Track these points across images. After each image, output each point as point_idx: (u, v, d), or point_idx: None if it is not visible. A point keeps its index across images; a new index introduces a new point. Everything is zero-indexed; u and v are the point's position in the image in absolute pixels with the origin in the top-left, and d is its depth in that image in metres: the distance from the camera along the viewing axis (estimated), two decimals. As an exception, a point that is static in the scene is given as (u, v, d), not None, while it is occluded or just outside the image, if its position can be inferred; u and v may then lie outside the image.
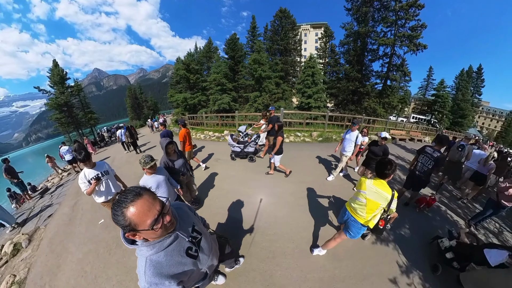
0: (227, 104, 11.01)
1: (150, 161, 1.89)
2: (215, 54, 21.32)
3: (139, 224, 0.66)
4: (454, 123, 22.60)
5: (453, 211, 3.30)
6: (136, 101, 30.69)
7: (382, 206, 1.63)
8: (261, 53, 11.05)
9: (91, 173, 2.19)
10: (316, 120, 8.42)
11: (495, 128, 42.90)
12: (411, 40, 12.15)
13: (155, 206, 0.69)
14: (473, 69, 26.24)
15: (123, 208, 0.65)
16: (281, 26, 20.24)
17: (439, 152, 2.60)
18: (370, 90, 13.82)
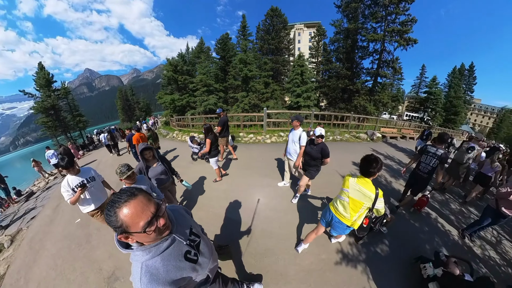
0: (213, 105, 11.30)
1: (127, 170, 1.79)
2: (206, 54, 21.58)
3: (132, 226, 0.64)
4: (447, 120, 23.29)
5: (446, 218, 3.02)
6: (127, 103, 30.71)
7: (366, 205, 1.58)
8: (247, 53, 11.30)
9: (75, 180, 2.05)
10: (306, 120, 8.39)
11: (487, 125, 44.81)
12: (401, 35, 12.17)
13: (149, 208, 0.68)
14: (465, 67, 27.10)
15: (116, 208, 0.64)
16: (272, 25, 20.60)
17: (442, 149, 2.54)
18: (360, 88, 13.90)
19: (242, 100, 10.90)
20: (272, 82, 16.74)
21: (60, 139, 18.24)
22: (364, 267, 2.04)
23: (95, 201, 2.22)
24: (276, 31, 20.32)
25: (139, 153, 2.20)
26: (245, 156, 5.33)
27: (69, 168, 2.04)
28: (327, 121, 8.63)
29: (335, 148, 6.10)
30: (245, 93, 11.27)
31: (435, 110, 21.55)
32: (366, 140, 8.01)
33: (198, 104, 11.61)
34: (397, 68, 13.32)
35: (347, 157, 5.44)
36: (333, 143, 7.13)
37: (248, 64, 10.96)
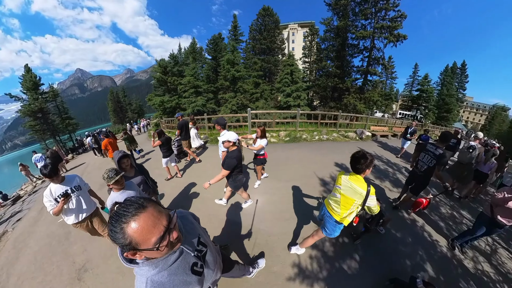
0: (201, 106, 11.57)
1: (115, 175, 1.72)
2: (199, 54, 21.82)
3: (142, 243, 0.58)
4: (440, 117, 23.99)
5: (433, 224, 2.75)
6: (118, 105, 30.68)
7: (357, 202, 1.60)
8: (235, 53, 11.55)
9: (59, 189, 1.95)
10: (295, 119, 8.37)
11: (479, 122, 46.95)
12: (390, 31, 12.23)
13: (161, 221, 0.61)
14: (457, 65, 27.98)
15: (123, 224, 0.57)
16: (264, 25, 20.96)
17: (442, 149, 2.47)
18: (350, 86, 13.97)
19: (230, 101, 11.17)
20: (263, 82, 17.09)
21: (48, 142, 18.23)
22: (323, 286, 1.83)
23: (80, 212, 2.11)
24: (268, 31, 20.69)
25: (117, 162, 2.09)
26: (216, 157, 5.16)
27: (52, 177, 1.92)
28: (314, 120, 8.65)
29: (319, 148, 6.16)
30: (233, 93, 11.53)
31: (427, 108, 22.20)
32: (355, 139, 7.97)
33: (187, 106, 11.86)
34: (387, 65, 13.57)
35: (330, 157, 5.32)
36: (318, 143, 7.09)
37: (235, 64, 11.19)
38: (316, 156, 5.44)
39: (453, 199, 3.67)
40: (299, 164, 4.89)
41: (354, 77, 14.13)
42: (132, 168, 2.25)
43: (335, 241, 2.39)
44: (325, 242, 2.38)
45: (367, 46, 13.57)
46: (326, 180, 4.07)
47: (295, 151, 5.92)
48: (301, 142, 7.04)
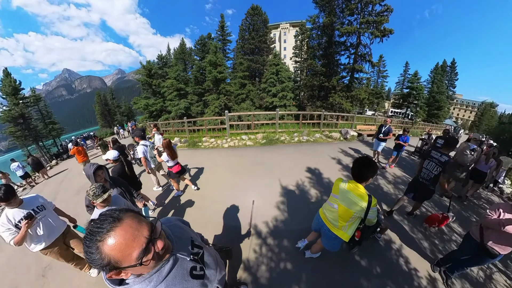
0: (183, 109, 11.71)
1: (102, 193, 1.57)
2: (189, 55, 21.90)
3: (123, 259, 0.53)
4: (430, 115, 24.78)
5: (415, 243, 2.45)
6: (106, 108, 30.41)
7: (357, 215, 1.43)
8: (217, 54, 11.60)
9: (18, 213, 1.70)
10: (283, 120, 8.50)
11: (469, 118, 49.53)
12: (377, 26, 12.02)
13: (142, 232, 0.57)
14: (447, 63, 29.00)
15: (98, 242, 0.52)
16: (252, 24, 21.23)
17: (447, 156, 2.33)
18: (336, 84, 13.83)
19: (213, 103, 11.36)
20: (250, 82, 17.31)
21: (31, 148, 18.00)
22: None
23: (49, 236, 1.88)
24: (256, 30, 20.97)
25: (92, 174, 1.93)
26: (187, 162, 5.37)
27: (9, 200, 1.67)
28: (295, 121, 8.44)
29: (295, 152, 5.87)
30: (216, 95, 11.68)
31: (417, 105, 22.85)
32: (339, 140, 7.65)
33: (170, 109, 11.99)
34: (373, 61, 13.00)
35: (304, 161, 4.97)
36: (296, 145, 6.78)
37: (218, 65, 11.34)
38: (287, 160, 5.12)
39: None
40: (265, 170, 4.58)
41: (340, 75, 14.02)
42: (106, 182, 2.09)
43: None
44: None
45: (353, 43, 13.44)
46: (290, 189, 3.72)
47: (267, 155, 5.64)
48: (278, 144, 6.81)
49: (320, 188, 3.77)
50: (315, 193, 3.59)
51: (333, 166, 4.83)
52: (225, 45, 18.81)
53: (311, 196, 3.50)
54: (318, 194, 3.55)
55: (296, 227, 2.70)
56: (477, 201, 3.86)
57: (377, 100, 25.46)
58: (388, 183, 4.07)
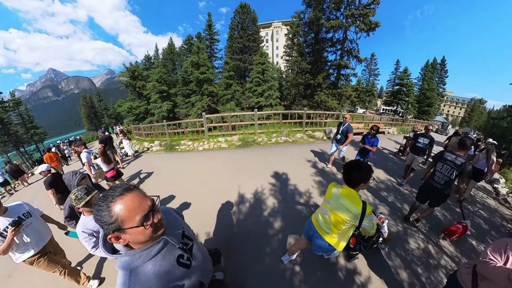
0: (166, 112, 11.82)
1: (85, 195, 1.55)
2: (178, 56, 21.91)
3: (127, 220, 0.63)
4: (421, 111, 25.57)
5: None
6: (92, 110, 30.07)
7: (350, 222, 1.37)
8: (200, 55, 11.67)
9: (2, 222, 1.70)
10: (270, 120, 8.45)
11: (459, 115, 52.32)
12: (363, 20, 11.71)
13: (146, 202, 0.68)
14: (437, 61, 29.99)
15: (110, 202, 0.63)
16: (241, 23, 21.42)
17: (463, 158, 2.24)
18: (322, 82, 13.47)
19: (196, 105, 11.50)
20: (237, 82, 17.48)
21: (11, 155, 17.71)
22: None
23: (37, 243, 1.85)
24: (245, 29, 21.16)
25: (76, 185, 1.94)
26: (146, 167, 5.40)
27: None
28: (275, 121, 8.27)
29: (268, 154, 5.61)
30: (199, 96, 11.81)
31: (407, 102, 23.55)
32: (322, 139, 7.43)
33: (153, 111, 12.08)
34: (360, 56, 12.74)
35: (275, 165, 4.66)
36: (272, 146, 6.55)
37: (201, 66, 11.45)
38: (254, 164, 4.90)
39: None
40: (226, 175, 4.44)
41: (326, 72, 13.65)
42: None
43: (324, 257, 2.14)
44: (311, 254, 2.11)
45: (339, 39, 13.19)
46: (246, 197, 3.49)
47: (236, 158, 5.47)
48: (254, 146, 6.53)
49: (280, 195, 3.47)
50: (273, 202, 3.30)
51: (304, 170, 4.47)
52: (213, 44, 18.92)
53: (267, 206, 3.22)
54: (276, 204, 3.25)
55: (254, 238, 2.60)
56: (472, 206, 3.60)
57: (368, 98, 26.25)
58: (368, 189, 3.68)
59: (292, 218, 2.91)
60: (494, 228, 3.07)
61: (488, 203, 3.88)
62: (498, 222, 3.26)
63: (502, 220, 3.34)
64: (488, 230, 3.00)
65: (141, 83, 12.73)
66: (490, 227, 3.08)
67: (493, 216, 3.43)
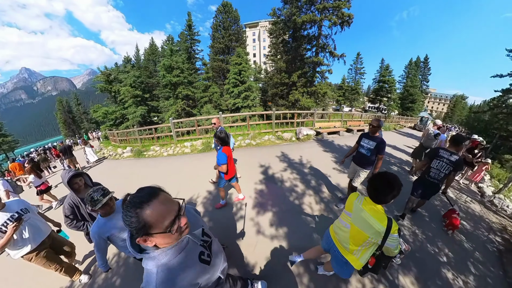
0: (140, 117, 12.13)
1: (102, 197, 1.48)
2: (163, 57, 21.97)
3: (155, 226, 0.67)
4: (405, 108, 27.06)
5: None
6: (70, 115, 29.51)
7: (372, 240, 1.27)
8: (173, 57, 11.85)
9: (1, 217, 1.76)
10: (236, 123, 8.49)
11: (442, 110, 56.69)
12: (336, 13, 11.67)
13: (173, 207, 0.72)
14: (420, 59, 31.83)
15: (138, 209, 0.66)
16: (223, 22, 21.91)
17: (457, 154, 2.46)
18: (297, 80, 13.53)
19: (170, 109, 11.87)
20: (215, 84, 17.80)
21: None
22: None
23: (35, 238, 1.90)
24: (227, 29, 21.68)
25: (67, 183, 1.83)
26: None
27: None
28: (242, 123, 8.26)
29: (212, 160, 5.29)
30: (173, 100, 12.11)
31: (390, 99, 24.86)
32: (290, 141, 7.51)
33: (129, 117, 12.36)
34: (334, 52, 12.86)
35: (209, 171, 4.54)
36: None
37: (174, 69, 11.65)
38: (192, 171, 5.09)
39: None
40: (170, 180, 4.66)
41: (302, 70, 13.63)
42: (87, 188, 2.00)
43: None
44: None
45: (314, 35, 13.22)
46: None
47: (186, 164, 5.71)
48: (213, 151, 6.61)
49: (209, 204, 3.47)
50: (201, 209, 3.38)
51: (244, 179, 4.33)
52: (193, 45, 19.29)
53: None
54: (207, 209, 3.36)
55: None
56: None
57: (353, 96, 27.46)
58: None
59: (220, 222, 2.99)
60: (478, 246, 2.62)
61: (473, 209, 3.60)
62: (484, 236, 2.87)
63: (489, 233, 2.96)
64: (470, 252, 2.51)
65: (117, 87, 12.91)
66: (474, 245, 2.64)
67: (477, 228, 3.04)
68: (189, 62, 17.78)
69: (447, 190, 2.73)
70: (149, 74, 21.88)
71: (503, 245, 2.73)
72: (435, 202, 3.55)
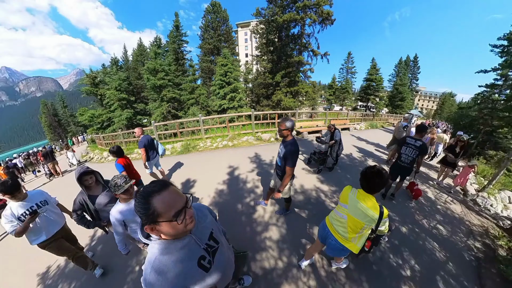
0: (125, 120, 12.54)
1: (124, 183, 1.72)
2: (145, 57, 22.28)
3: (163, 213, 0.74)
4: (395, 106, 28.17)
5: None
6: (55, 118, 29.34)
7: (368, 226, 1.51)
8: (158, 60, 12.21)
9: (21, 207, 1.92)
10: (215, 125, 8.57)
11: (432, 108, 60.04)
12: (316, 10, 11.95)
13: (181, 198, 0.80)
14: (410, 58, 33.19)
15: (149, 197, 0.74)
16: (211, 22, 22.38)
17: (421, 141, 3.01)
18: (280, 80, 13.94)
19: (155, 112, 12.33)
20: (201, 85, 18.21)
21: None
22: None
23: (50, 228, 2.10)
24: (215, 29, 22.17)
25: (77, 180, 2.00)
26: None
27: (13, 193, 1.89)
28: (220, 125, 8.51)
29: (183, 161, 5.90)
30: (158, 103, 12.51)
31: (377, 97, 25.85)
32: (269, 141, 7.77)
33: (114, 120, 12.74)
34: (315, 50, 13.15)
35: (180, 173, 5.01)
36: (205, 152, 6.86)
37: (159, 71, 12.02)
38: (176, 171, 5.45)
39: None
40: None
41: (285, 70, 14.01)
42: (98, 185, 2.19)
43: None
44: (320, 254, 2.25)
45: (296, 34, 13.63)
46: None
47: (167, 165, 5.82)
48: (192, 152, 7.02)
49: None
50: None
51: (212, 176, 4.64)
52: (181, 46, 19.72)
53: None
54: None
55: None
56: (428, 220, 3.09)
57: (343, 96, 28.37)
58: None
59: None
60: (453, 256, 2.31)
61: (452, 210, 3.43)
62: (462, 243, 2.58)
63: (468, 238, 2.69)
64: (442, 264, 2.20)
65: (103, 90, 13.23)
66: (448, 254, 2.35)
67: (455, 233, 2.78)
68: (177, 64, 18.23)
69: (418, 170, 3.36)
70: (138, 75, 22.17)
71: (483, 252, 2.43)
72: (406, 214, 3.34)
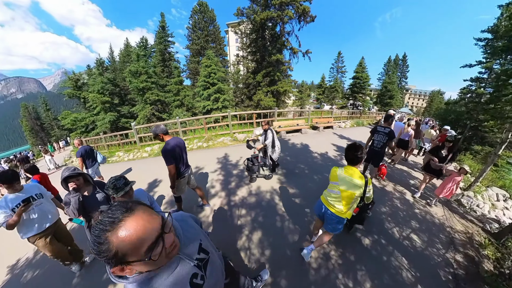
0: (108, 123, 12.88)
1: (124, 185, 1.60)
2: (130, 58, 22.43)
3: (130, 253, 0.56)
4: (384, 104, 29.31)
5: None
6: (37, 122, 29.06)
7: (357, 195, 1.82)
8: (140, 62, 12.45)
9: (16, 199, 1.93)
10: (192, 126, 8.79)
11: (421, 106, 62.75)
12: (293, 6, 11.95)
13: (153, 225, 0.60)
14: (399, 57, 34.59)
15: (107, 232, 0.55)
16: (198, 23, 22.83)
17: (389, 128, 3.61)
18: (261, 80, 14.08)
19: (138, 114, 12.70)
20: (186, 87, 18.49)
21: None
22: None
23: (42, 222, 2.09)
24: (202, 29, 22.64)
25: (61, 182, 1.90)
26: None
27: (12, 183, 1.92)
28: (197, 127, 8.79)
29: (148, 164, 6.26)
30: (142, 105, 12.83)
31: (364, 94, 26.90)
32: (244, 141, 7.82)
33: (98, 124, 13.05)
34: (295, 48, 13.24)
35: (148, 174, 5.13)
36: None
37: (141, 74, 12.29)
38: (144, 172, 5.62)
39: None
40: None
41: (266, 70, 14.15)
42: (88, 186, 2.08)
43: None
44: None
45: (278, 32, 13.73)
46: None
47: (140, 168, 6.17)
48: None
49: None
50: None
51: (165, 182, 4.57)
52: (167, 47, 20.09)
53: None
54: None
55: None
56: (402, 228, 2.79)
57: (332, 94, 29.34)
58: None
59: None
60: (424, 276, 2.01)
61: (432, 214, 3.12)
62: (439, 257, 2.25)
63: (447, 249, 2.35)
64: (409, 287, 1.92)
65: (86, 93, 13.45)
66: (418, 273, 2.05)
67: (432, 244, 2.42)
68: (164, 65, 18.59)
69: (395, 153, 4.58)
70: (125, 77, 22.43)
71: (464, 267, 2.08)
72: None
